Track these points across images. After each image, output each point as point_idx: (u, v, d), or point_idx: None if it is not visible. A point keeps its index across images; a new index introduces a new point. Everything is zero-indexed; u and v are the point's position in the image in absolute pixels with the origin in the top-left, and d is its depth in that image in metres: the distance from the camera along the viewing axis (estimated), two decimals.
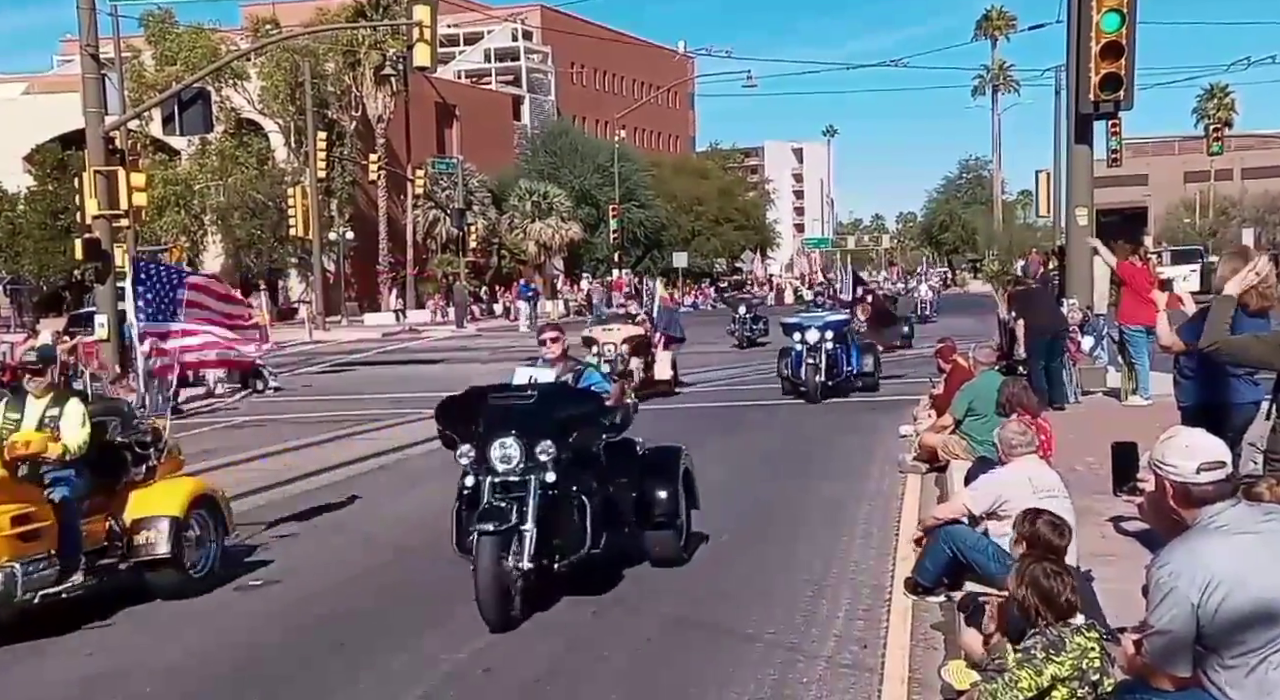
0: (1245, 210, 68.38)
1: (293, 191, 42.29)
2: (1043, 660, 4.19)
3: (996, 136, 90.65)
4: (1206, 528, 3.64)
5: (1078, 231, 16.10)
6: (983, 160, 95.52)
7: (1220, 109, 71.66)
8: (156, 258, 41.23)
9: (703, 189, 75.07)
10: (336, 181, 50.22)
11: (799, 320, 17.86)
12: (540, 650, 6.64)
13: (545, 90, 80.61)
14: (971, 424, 10.10)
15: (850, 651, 6.33)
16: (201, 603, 8.03)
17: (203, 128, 25.66)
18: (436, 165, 55.61)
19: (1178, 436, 3.88)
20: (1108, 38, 14.49)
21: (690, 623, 7.02)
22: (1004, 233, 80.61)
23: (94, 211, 22.21)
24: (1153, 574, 3.64)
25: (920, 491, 10.29)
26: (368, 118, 52.13)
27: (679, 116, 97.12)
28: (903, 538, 8.61)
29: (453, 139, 63.26)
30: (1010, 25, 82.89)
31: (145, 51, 46.88)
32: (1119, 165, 38.25)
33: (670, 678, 6.15)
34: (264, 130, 50.53)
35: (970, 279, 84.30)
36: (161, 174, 44.32)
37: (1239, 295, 6.42)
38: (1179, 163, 73.80)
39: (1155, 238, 58.69)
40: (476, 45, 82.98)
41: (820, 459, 12.69)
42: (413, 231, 54.55)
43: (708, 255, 74.29)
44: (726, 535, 9.19)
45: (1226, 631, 3.48)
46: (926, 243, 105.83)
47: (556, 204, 58.02)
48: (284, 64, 47.76)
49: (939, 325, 32.33)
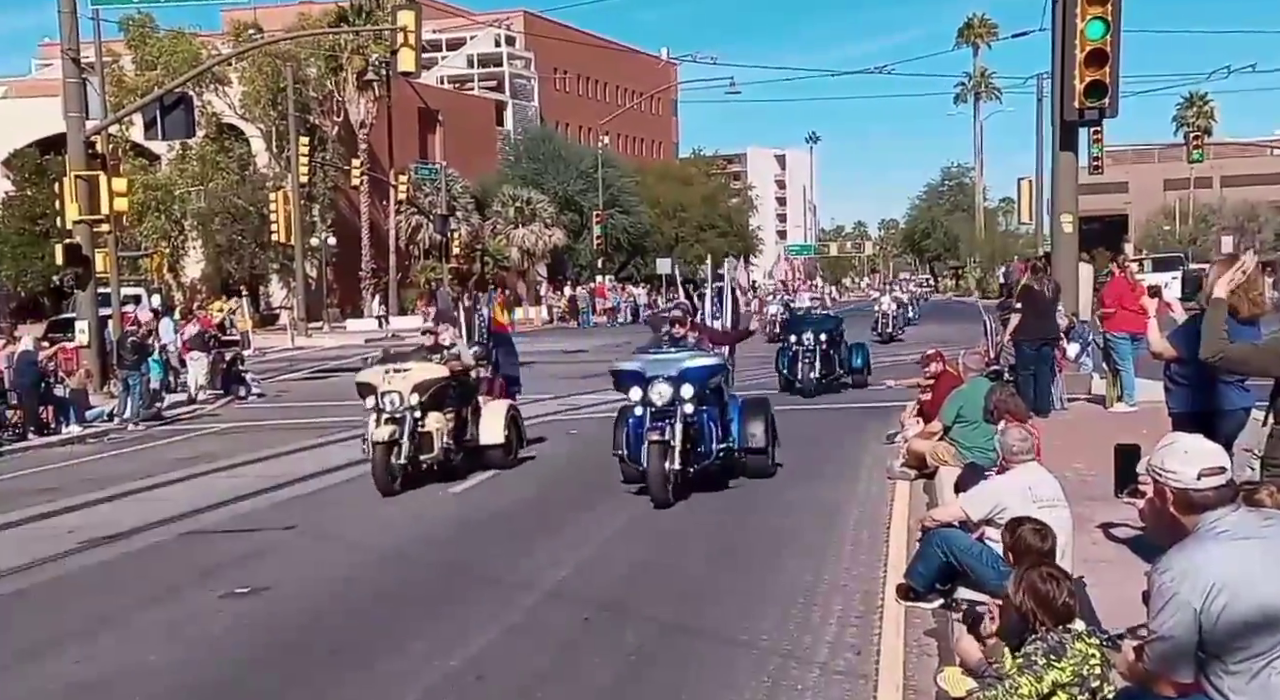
0: (1225, 218, 68.96)
1: (274, 197, 42.11)
2: (1044, 666, 4.18)
3: (978, 144, 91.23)
4: (1208, 533, 3.63)
5: (1063, 238, 16.18)
6: (965, 167, 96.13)
7: (1200, 117, 72.37)
8: (136, 263, 41.13)
9: (686, 195, 75.13)
10: (318, 187, 50.05)
11: (639, 367, 11.00)
12: (533, 656, 6.59)
13: (528, 96, 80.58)
14: (960, 430, 10.11)
15: (844, 658, 6.31)
16: (188, 609, 7.96)
17: (185, 133, 25.54)
18: (419, 171, 55.52)
19: (1177, 443, 3.87)
20: (1093, 45, 14.59)
21: (683, 629, 6.98)
22: (986, 240, 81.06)
23: (75, 216, 22.07)
24: (1155, 580, 3.63)
25: (909, 498, 10.28)
26: (350, 123, 51.99)
27: (662, 123, 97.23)
28: (893, 544, 8.61)
29: (435, 144, 63.17)
30: (992, 33, 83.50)
31: (125, 56, 46.61)
32: (1100, 173, 38.46)
33: (663, 684, 6.11)
34: (245, 135, 50.33)
35: (952, 287, 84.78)
36: (142, 179, 44.06)
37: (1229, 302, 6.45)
38: (1159, 170, 74.40)
39: (1135, 245, 59.13)
40: (459, 50, 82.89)
41: (808, 465, 12.67)
42: (395, 237, 54.41)
43: (691, 262, 74.32)
44: (713, 541, 9.17)
45: (1229, 637, 3.47)
46: (909, 250, 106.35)
47: (540, 210, 57.99)
48: (265, 69, 47.61)
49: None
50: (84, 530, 10.66)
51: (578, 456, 13.76)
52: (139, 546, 10.08)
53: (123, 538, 10.30)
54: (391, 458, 11.40)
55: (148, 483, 13.43)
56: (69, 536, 10.44)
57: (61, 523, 11.25)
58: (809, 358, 18.31)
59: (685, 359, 10.81)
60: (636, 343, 14.36)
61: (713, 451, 10.78)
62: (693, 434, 10.52)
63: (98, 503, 12.27)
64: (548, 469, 13.12)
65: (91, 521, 11.15)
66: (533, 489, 12.01)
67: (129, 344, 19.75)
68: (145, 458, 15.95)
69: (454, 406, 12.32)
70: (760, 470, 11.30)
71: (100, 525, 10.85)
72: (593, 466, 12.13)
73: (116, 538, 10.29)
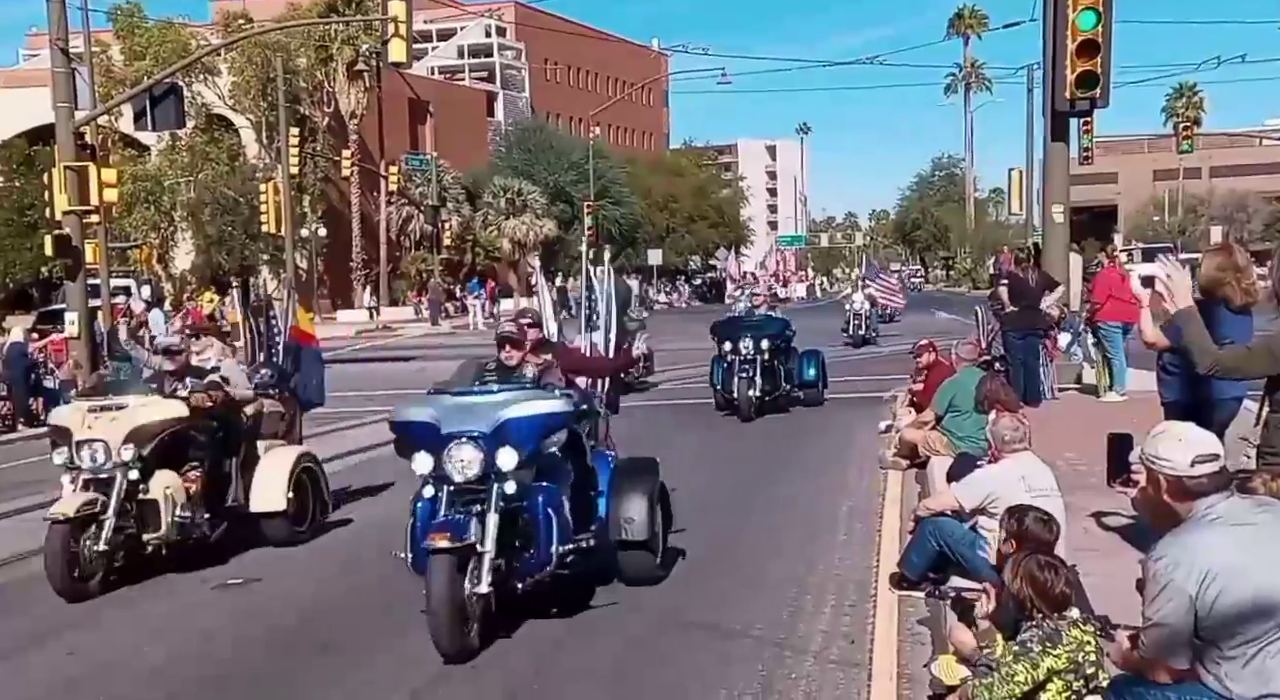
0: (1213, 208, 69.14)
1: (264, 188, 41.91)
2: (1039, 653, 4.19)
3: (969, 135, 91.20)
4: (1202, 520, 3.65)
5: (1054, 228, 16.20)
6: (955, 158, 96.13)
7: (1189, 107, 72.44)
8: (126, 254, 40.99)
9: (677, 186, 75.07)
10: (309, 178, 49.85)
11: (433, 416, 7.05)
12: (528, 647, 6.59)
13: (519, 87, 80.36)
14: (952, 420, 10.14)
15: (838, 647, 6.33)
16: (183, 602, 7.94)
17: (175, 123, 25.37)
18: (410, 161, 55.36)
19: (1170, 430, 3.89)
20: (1084, 35, 14.58)
21: (678, 619, 6.99)
22: (976, 230, 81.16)
23: (64, 207, 21.93)
24: (1150, 567, 3.65)
25: (901, 487, 10.31)
26: (340, 113, 51.80)
27: (653, 114, 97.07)
28: (885, 533, 8.63)
29: (426, 135, 62.98)
30: (982, 24, 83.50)
31: (114, 46, 46.35)
32: (1090, 163, 38.53)
33: (659, 674, 6.12)
34: (235, 126, 50.11)
35: (943, 278, 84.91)
36: (131, 170, 43.86)
37: (1220, 294, 6.46)
38: (1148, 161, 74.50)
39: (1125, 236, 59.24)
40: (450, 41, 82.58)
41: (799, 457, 12.70)
42: (386, 228, 54.26)
43: (682, 252, 74.31)
44: (710, 533, 9.17)
45: (1224, 623, 3.49)
46: (900, 240, 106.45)
47: (531, 201, 57.85)
48: (255, 59, 47.36)
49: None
50: None
51: None
52: None
53: None
54: (85, 542, 7.89)
55: None
56: None
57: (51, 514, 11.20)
58: (747, 371, 14.97)
59: (511, 403, 6.85)
60: None
61: (553, 555, 6.77)
62: (522, 528, 6.73)
63: None
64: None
65: None
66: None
67: (119, 336, 19.69)
68: None
69: (206, 458, 8.83)
70: (641, 572, 7.54)
71: None
72: None
73: None
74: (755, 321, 15.99)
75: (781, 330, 15.88)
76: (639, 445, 9.38)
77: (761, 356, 15.10)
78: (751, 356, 15.08)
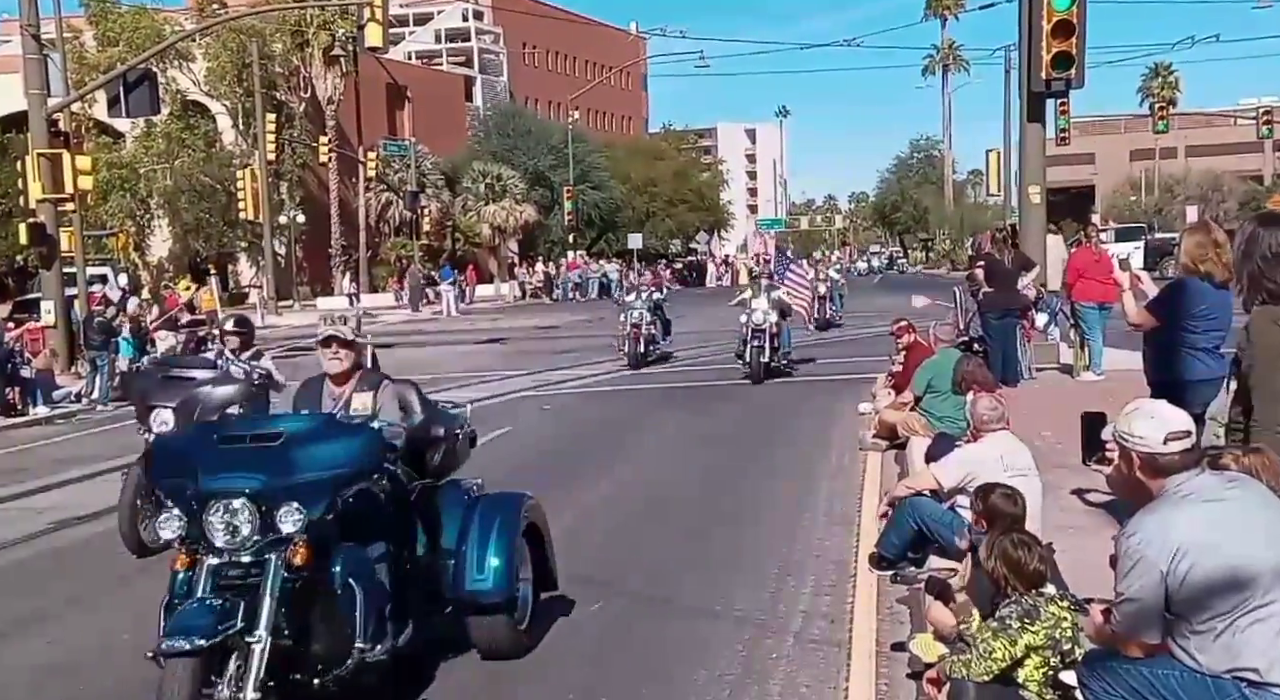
0: (1189, 188, 69.50)
1: (242, 174, 41.66)
2: (1018, 630, 4.24)
3: (947, 116, 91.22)
4: (1174, 496, 3.69)
5: (1031, 209, 16.27)
6: (934, 140, 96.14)
7: (1165, 87, 72.70)
8: (102, 242, 40.64)
9: (657, 170, 74.94)
10: (286, 164, 49.54)
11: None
12: None
13: (497, 71, 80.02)
14: (931, 401, 10.19)
15: (818, 627, 6.37)
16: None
17: (150, 110, 25.23)
18: (388, 147, 55.07)
19: (1142, 408, 3.91)
20: (1059, 16, 14.64)
21: (658, 599, 7.03)
22: (955, 212, 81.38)
23: (38, 195, 21.80)
24: (1122, 543, 3.68)
25: (881, 468, 10.36)
26: (317, 99, 51.44)
27: (632, 98, 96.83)
28: (865, 514, 8.68)
29: (404, 121, 62.65)
30: (960, 5, 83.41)
31: (86, 32, 45.86)
32: (1067, 144, 38.70)
33: (640, 653, 6.15)
34: (211, 112, 49.71)
35: (922, 260, 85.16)
36: (106, 157, 43.45)
37: (1202, 270, 6.51)
38: (1125, 141, 74.83)
39: (1102, 216, 59.54)
40: (427, 25, 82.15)
41: (779, 438, 12.74)
42: (365, 214, 53.98)
43: (662, 236, 74.28)
44: (689, 515, 9.20)
45: (1195, 598, 3.53)
46: (879, 223, 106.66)
47: (510, 186, 57.67)
48: (230, 44, 46.94)
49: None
50: (54, 511, 10.58)
51: None
52: (109, 527, 9.97)
53: (93, 518, 10.21)
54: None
55: (117, 463, 13.28)
56: (39, 517, 10.37)
57: (31, 504, 11.17)
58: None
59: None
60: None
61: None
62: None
63: (67, 483, 12.17)
64: None
65: (61, 502, 11.06)
66: None
67: (96, 324, 19.56)
68: (115, 438, 15.80)
69: None
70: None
71: (70, 506, 10.76)
72: None
73: (86, 518, 10.21)
74: None
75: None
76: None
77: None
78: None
